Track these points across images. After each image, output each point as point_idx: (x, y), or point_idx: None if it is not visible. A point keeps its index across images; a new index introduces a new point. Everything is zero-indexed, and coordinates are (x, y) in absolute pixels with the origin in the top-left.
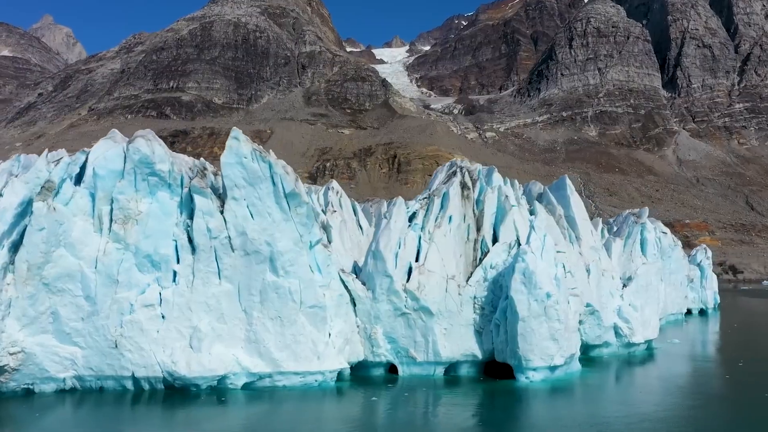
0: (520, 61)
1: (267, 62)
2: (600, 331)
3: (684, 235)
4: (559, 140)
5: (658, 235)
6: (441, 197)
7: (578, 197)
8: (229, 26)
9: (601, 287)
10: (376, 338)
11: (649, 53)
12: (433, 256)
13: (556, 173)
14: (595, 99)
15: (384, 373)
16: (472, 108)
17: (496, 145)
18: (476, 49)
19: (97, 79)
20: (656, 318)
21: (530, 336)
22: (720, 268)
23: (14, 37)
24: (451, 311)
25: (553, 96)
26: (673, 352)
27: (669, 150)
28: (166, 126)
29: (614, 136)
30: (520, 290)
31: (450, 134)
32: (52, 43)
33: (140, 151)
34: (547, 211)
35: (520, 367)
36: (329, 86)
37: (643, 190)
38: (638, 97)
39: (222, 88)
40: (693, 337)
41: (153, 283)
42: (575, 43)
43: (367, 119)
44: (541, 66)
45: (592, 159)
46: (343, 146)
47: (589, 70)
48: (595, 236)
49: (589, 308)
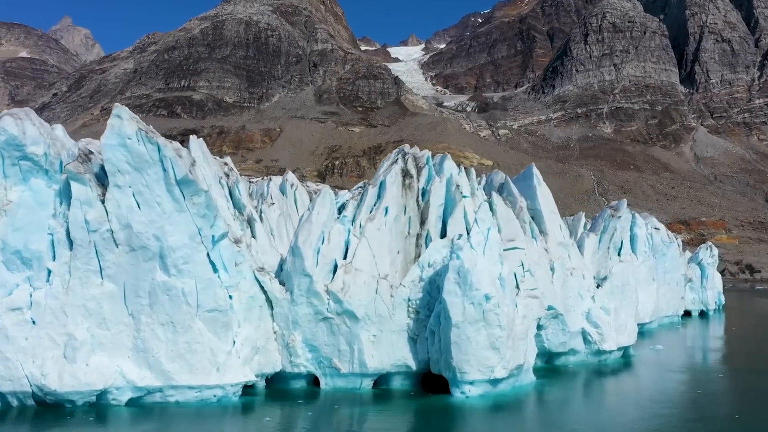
0: (535, 58)
1: (278, 60)
2: (565, 337)
3: (700, 233)
4: (573, 137)
5: (649, 231)
6: (378, 186)
7: (546, 188)
8: (241, 25)
9: (568, 288)
10: (295, 346)
11: (666, 48)
12: (363, 252)
13: (569, 170)
14: (610, 95)
15: (306, 386)
16: (485, 105)
17: (510, 142)
18: (492, 47)
19: (110, 79)
20: (633, 322)
21: (465, 345)
22: (737, 267)
23: (32, 38)
24: (381, 316)
25: (567, 92)
26: (652, 360)
27: (686, 147)
28: (176, 125)
29: (630, 133)
30: (454, 292)
31: (461, 131)
32: (71, 44)
33: (7, 132)
34: (507, 203)
35: (455, 381)
36: (341, 84)
37: (658, 187)
38: (655, 93)
39: (233, 87)
40: (681, 343)
41: (23, 284)
42: (590, 39)
43: (379, 117)
44: (556, 62)
45: (607, 156)
46: (353, 144)
47: (604, 66)
48: (564, 231)
49: (551, 311)
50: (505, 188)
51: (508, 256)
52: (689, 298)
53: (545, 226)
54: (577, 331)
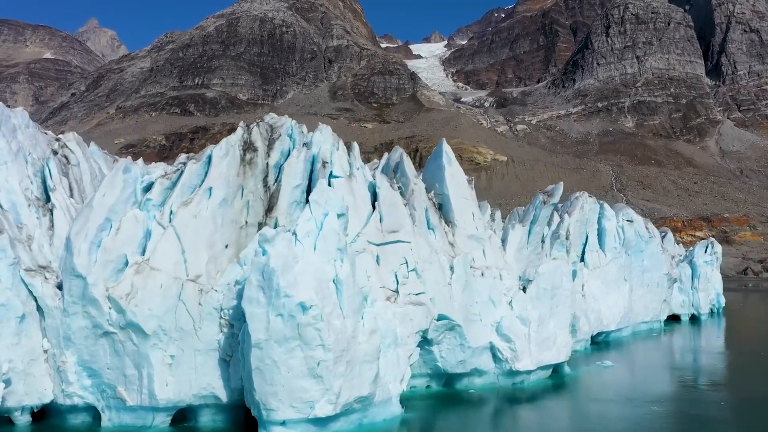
0: (558, 53)
1: (293, 57)
2: (464, 353)
3: (722, 230)
4: (593, 132)
5: (620, 223)
6: (203, 162)
7: (458, 170)
8: (255, 21)
9: (475, 292)
10: (66, 370)
11: (691, 39)
12: (167, 246)
13: (587, 166)
14: (632, 89)
15: (87, 421)
16: (503, 101)
17: (527, 137)
18: (514, 42)
19: (127, 78)
20: (567, 334)
21: (271, 371)
22: (761, 266)
23: (56, 39)
24: (183, 330)
25: (588, 86)
26: (589, 382)
27: (711, 140)
28: (188, 123)
29: (652, 127)
30: (256, 299)
31: (475, 127)
32: (97, 46)
33: None
34: (395, 186)
35: (262, 421)
36: (356, 80)
37: (679, 182)
38: (679, 85)
39: (247, 84)
40: (643, 358)
41: None
42: (612, 31)
43: (393, 113)
44: (577, 56)
45: (627, 151)
46: (364, 141)
47: (626, 59)
48: (479, 222)
49: (444, 322)
50: (399, 168)
51: (387, 252)
52: (677, 300)
53: (453, 215)
54: (482, 346)
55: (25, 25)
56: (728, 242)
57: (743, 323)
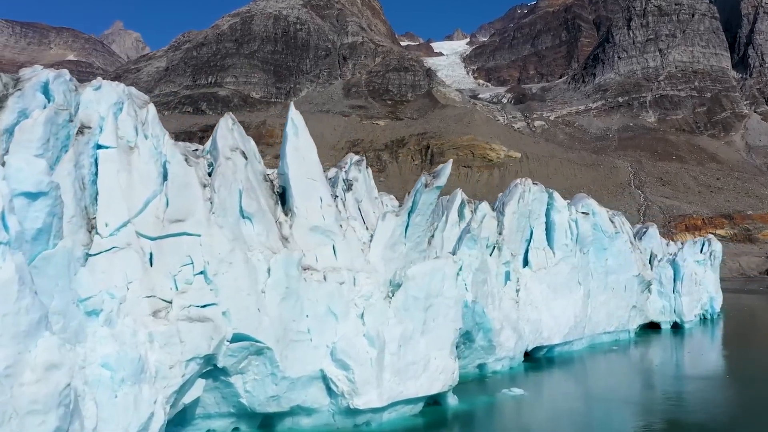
0: (581, 48)
1: (307, 55)
2: (277, 387)
3: (744, 227)
4: (612, 127)
5: (573, 216)
6: None
7: (308, 142)
8: (270, 19)
9: (303, 303)
10: None
11: (716, 31)
12: None
13: (604, 162)
14: (654, 82)
15: None
16: (522, 97)
17: (545, 134)
18: (535, 38)
19: (143, 77)
20: (448, 356)
21: None
22: None
23: (79, 41)
24: None
25: (608, 81)
26: (470, 421)
27: (737, 135)
28: (199, 121)
29: (675, 122)
30: None
31: (490, 123)
32: (122, 48)
33: None
34: (192, 162)
35: None
36: (370, 77)
37: (701, 178)
38: (704, 79)
39: (260, 82)
40: (570, 382)
41: None
42: (634, 24)
43: (407, 110)
44: (597, 50)
45: (647, 146)
46: (375, 138)
47: (648, 52)
48: (328, 209)
49: (243, 344)
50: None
51: (165, 249)
52: (656, 306)
53: (293, 201)
54: (308, 375)
55: (49, 27)
56: (751, 240)
57: (735, 333)
